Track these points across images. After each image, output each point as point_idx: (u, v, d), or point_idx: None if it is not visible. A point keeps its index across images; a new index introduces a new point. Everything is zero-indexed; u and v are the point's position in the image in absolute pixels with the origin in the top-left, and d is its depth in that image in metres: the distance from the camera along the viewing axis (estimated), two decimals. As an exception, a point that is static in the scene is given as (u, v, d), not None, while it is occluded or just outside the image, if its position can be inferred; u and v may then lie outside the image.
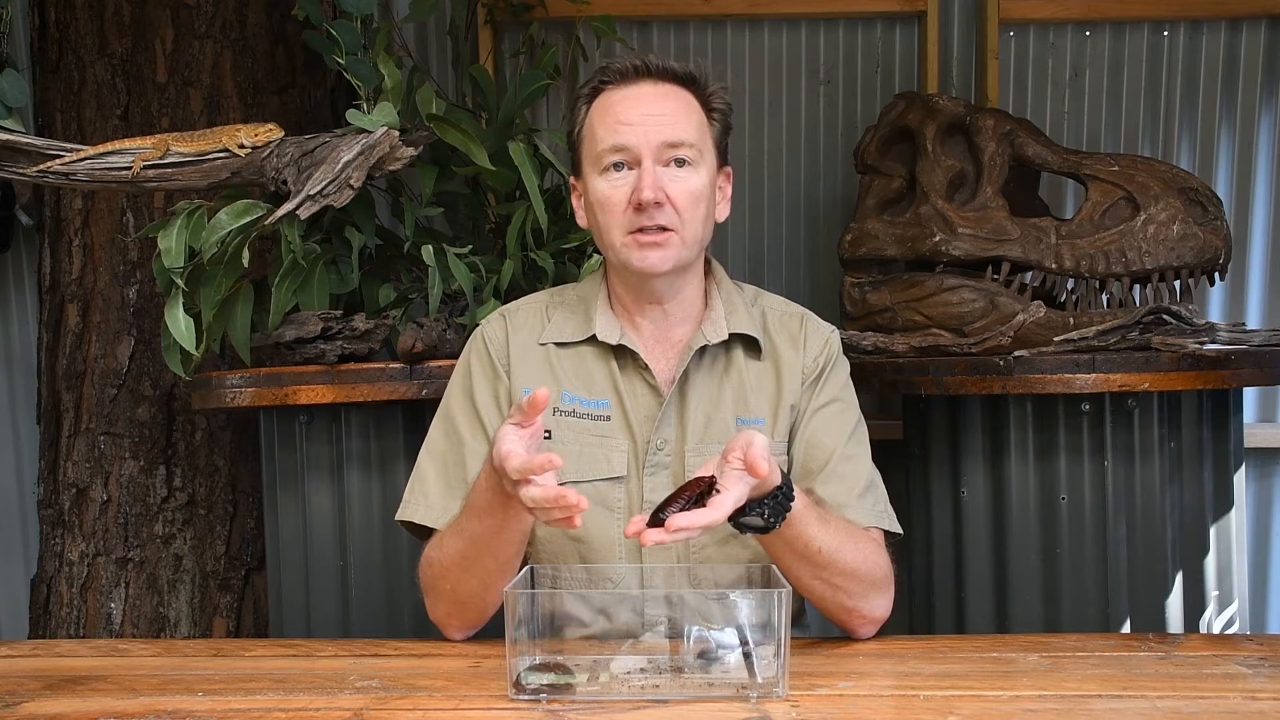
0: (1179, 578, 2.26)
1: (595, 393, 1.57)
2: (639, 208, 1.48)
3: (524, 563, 1.59)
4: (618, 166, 1.50)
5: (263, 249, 2.44)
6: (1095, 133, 3.02)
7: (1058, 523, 2.21)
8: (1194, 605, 2.27)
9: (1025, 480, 2.24)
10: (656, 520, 1.25)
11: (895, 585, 1.52)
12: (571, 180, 1.62)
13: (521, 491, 1.27)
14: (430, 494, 1.57)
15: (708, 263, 1.64)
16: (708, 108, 1.56)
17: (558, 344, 1.60)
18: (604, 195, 1.51)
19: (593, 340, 1.59)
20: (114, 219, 2.61)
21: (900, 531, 1.57)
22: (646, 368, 1.56)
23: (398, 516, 1.59)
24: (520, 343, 1.61)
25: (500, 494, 1.35)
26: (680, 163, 1.50)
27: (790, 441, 1.58)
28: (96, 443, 2.60)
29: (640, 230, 1.50)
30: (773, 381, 1.59)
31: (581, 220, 1.61)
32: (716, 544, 1.54)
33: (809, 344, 1.61)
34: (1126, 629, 2.20)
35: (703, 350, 1.57)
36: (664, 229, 1.50)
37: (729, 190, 1.61)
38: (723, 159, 1.58)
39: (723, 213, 1.60)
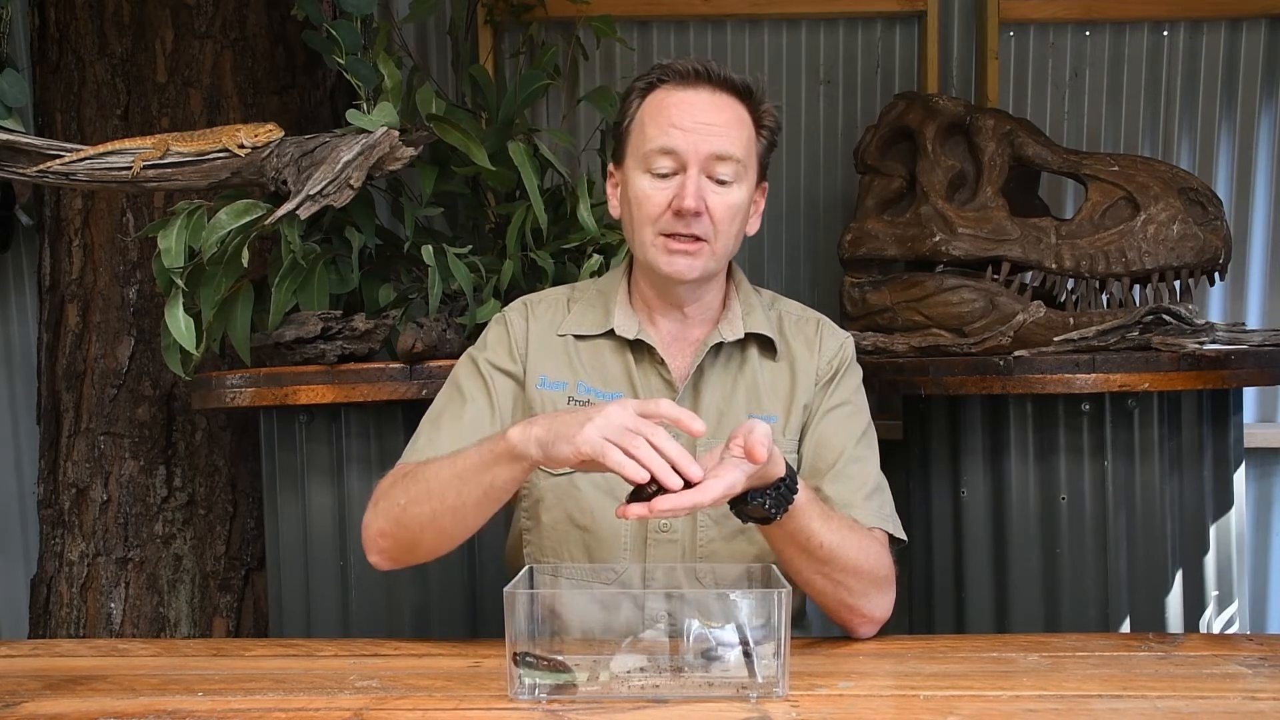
0: (1179, 577, 2.26)
1: (610, 385, 1.58)
2: (678, 214, 1.49)
3: (526, 558, 1.60)
4: (663, 169, 1.51)
5: (263, 249, 2.44)
6: (1095, 133, 3.02)
7: (1058, 522, 2.21)
8: (1194, 605, 2.27)
9: (1025, 480, 2.24)
10: (638, 496, 1.25)
11: (895, 586, 1.52)
12: (610, 168, 1.63)
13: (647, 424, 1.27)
14: (418, 442, 1.57)
15: (729, 265, 1.65)
16: (759, 124, 1.56)
17: (576, 336, 1.62)
18: (644, 194, 1.52)
19: (610, 334, 1.60)
20: (114, 219, 2.60)
21: (905, 538, 1.57)
22: (663, 362, 1.58)
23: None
24: (539, 333, 1.62)
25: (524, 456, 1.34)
26: (724, 177, 1.51)
27: (801, 440, 1.59)
28: (96, 443, 2.60)
29: (673, 235, 1.51)
30: (787, 381, 1.60)
31: (614, 210, 1.62)
32: (724, 539, 1.54)
33: (824, 346, 1.63)
34: (1126, 628, 2.20)
35: (718, 348, 1.59)
36: (697, 238, 1.51)
37: (762, 204, 1.62)
38: (762, 174, 1.60)
39: (753, 227, 1.62)
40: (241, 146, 2.14)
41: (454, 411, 1.58)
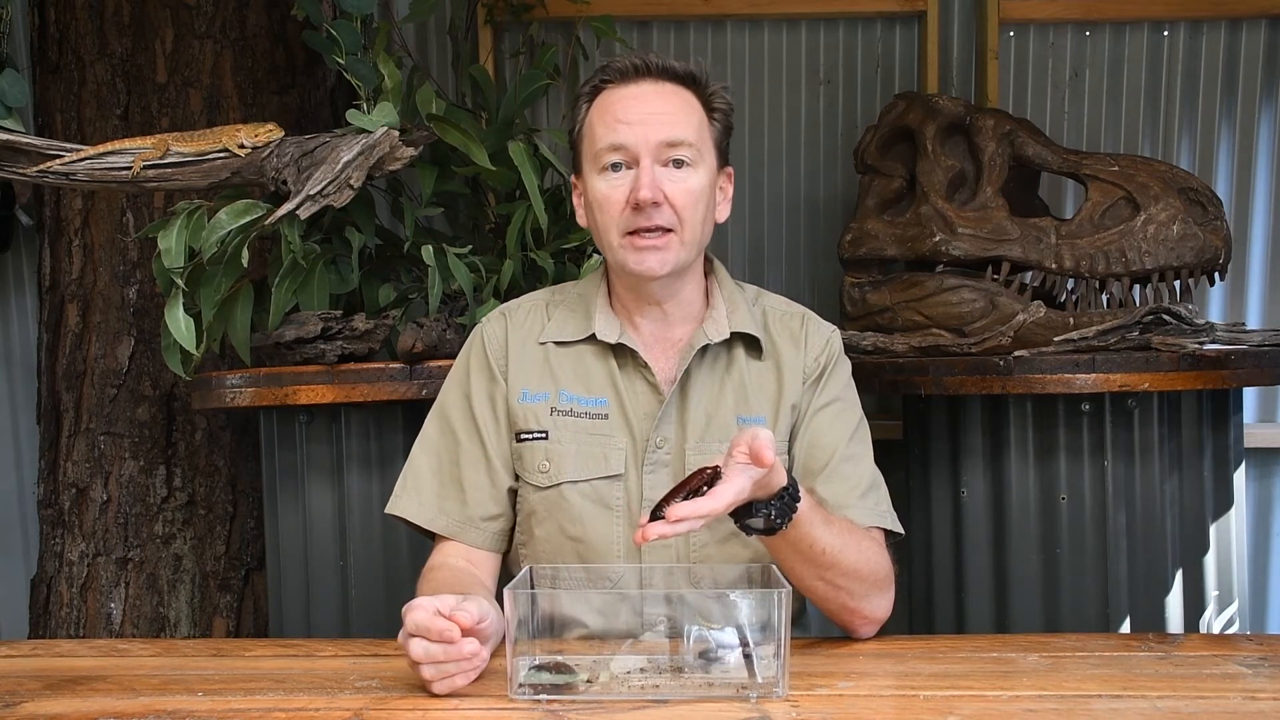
0: (1179, 577, 2.26)
1: (593, 391, 1.57)
2: (637, 207, 1.48)
3: (522, 562, 1.60)
4: (616, 166, 1.50)
5: (263, 249, 2.44)
6: (1095, 133, 3.02)
7: (1058, 523, 2.21)
8: (1194, 605, 2.27)
9: (1025, 480, 2.24)
10: (657, 516, 1.25)
11: (895, 585, 1.52)
12: (573, 179, 1.62)
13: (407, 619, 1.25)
14: (423, 491, 1.58)
15: (709, 261, 1.64)
16: (708, 108, 1.55)
17: (557, 343, 1.60)
18: (602, 195, 1.51)
19: (592, 339, 1.59)
20: (114, 219, 2.61)
21: (902, 532, 1.57)
22: (646, 366, 1.56)
23: (389, 509, 1.60)
24: (519, 342, 1.61)
25: None
26: (679, 163, 1.50)
27: (791, 441, 1.58)
28: (96, 443, 2.60)
29: (637, 232, 1.49)
30: (774, 381, 1.59)
31: (582, 220, 1.61)
32: (717, 542, 1.54)
33: (810, 343, 1.61)
34: (1126, 628, 2.20)
35: (704, 349, 1.57)
36: (664, 230, 1.49)
37: (730, 191, 1.61)
38: (723, 159, 1.58)
39: (723, 213, 1.60)
40: (241, 146, 2.14)
41: (451, 455, 1.59)
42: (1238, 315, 3.01)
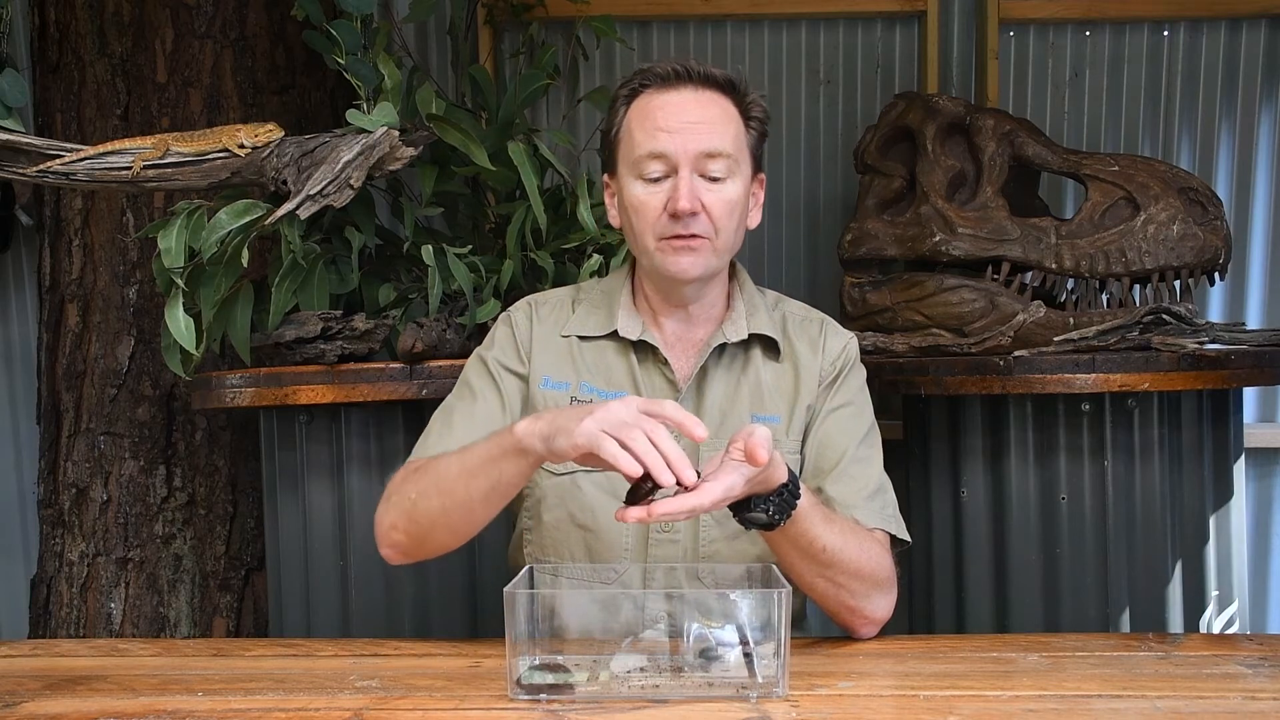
0: (1179, 578, 2.26)
1: (613, 385, 1.59)
2: (674, 216, 1.50)
3: (527, 558, 1.60)
4: (655, 173, 1.52)
5: (263, 249, 2.44)
6: (1095, 133, 3.02)
7: (1058, 523, 2.21)
8: (1194, 605, 2.27)
9: (1025, 480, 2.24)
10: (635, 498, 1.25)
11: (896, 586, 1.52)
12: (605, 178, 1.64)
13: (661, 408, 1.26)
14: (429, 438, 1.58)
15: (732, 266, 1.66)
16: (746, 116, 1.57)
17: (580, 337, 1.62)
18: (640, 200, 1.53)
19: (614, 335, 1.61)
20: (114, 219, 2.61)
21: (909, 540, 1.57)
22: (666, 362, 1.58)
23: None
24: (543, 334, 1.63)
25: (534, 450, 1.32)
26: (716, 173, 1.51)
27: (804, 441, 1.59)
28: (96, 443, 2.60)
29: (674, 236, 1.51)
30: (790, 382, 1.61)
31: (614, 219, 1.63)
32: (726, 540, 1.54)
33: (828, 347, 1.63)
34: (1126, 628, 2.20)
35: (722, 348, 1.59)
36: (697, 235, 1.51)
37: (761, 197, 1.63)
38: (757, 166, 1.60)
39: (754, 219, 1.62)
40: (241, 146, 2.14)
41: (465, 408, 1.59)
42: (1238, 315, 3.01)
